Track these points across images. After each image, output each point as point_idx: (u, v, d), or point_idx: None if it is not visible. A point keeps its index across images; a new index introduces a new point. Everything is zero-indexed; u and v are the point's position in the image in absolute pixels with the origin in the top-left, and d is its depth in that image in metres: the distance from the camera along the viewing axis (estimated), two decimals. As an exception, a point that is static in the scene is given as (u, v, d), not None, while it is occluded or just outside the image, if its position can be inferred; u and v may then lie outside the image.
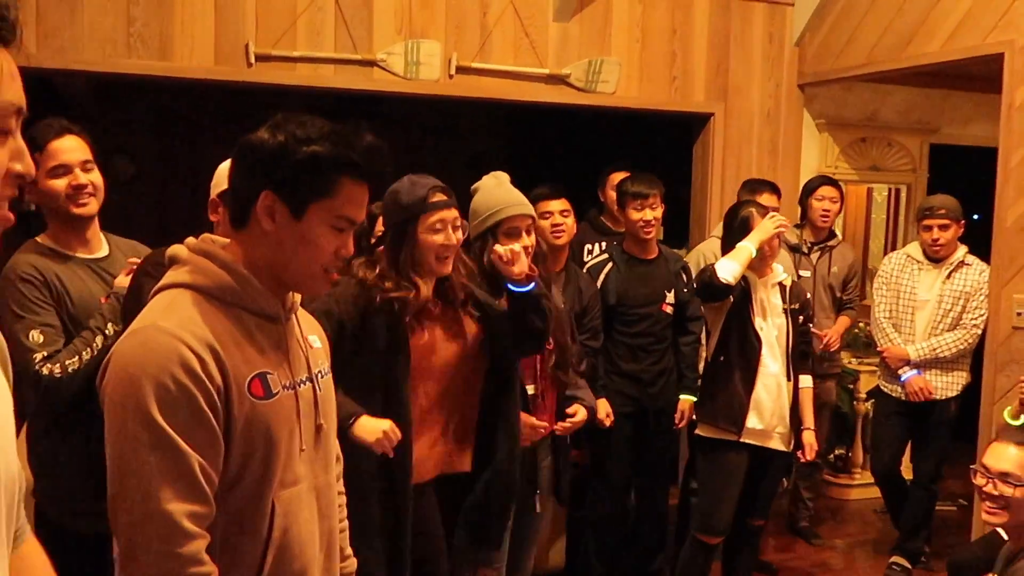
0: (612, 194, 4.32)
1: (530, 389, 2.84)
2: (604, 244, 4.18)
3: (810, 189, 4.60)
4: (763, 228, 3.41)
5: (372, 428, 2.29)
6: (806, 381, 3.64)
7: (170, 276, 1.53)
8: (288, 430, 1.53)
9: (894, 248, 5.96)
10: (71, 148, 2.41)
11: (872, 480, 5.39)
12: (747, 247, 3.38)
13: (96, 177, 2.46)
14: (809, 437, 3.58)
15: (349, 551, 1.84)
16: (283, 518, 1.52)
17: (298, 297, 1.64)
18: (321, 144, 1.47)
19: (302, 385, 1.58)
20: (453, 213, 2.47)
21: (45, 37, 3.98)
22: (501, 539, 2.78)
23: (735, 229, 3.51)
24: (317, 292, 1.66)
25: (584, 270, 3.88)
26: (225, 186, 2.29)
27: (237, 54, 4.27)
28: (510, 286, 2.56)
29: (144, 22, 4.13)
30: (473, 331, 2.56)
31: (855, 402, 5.44)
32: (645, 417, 3.88)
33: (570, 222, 3.62)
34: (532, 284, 2.56)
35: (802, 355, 3.61)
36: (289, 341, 1.59)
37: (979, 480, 2.57)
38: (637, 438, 3.90)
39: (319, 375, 1.66)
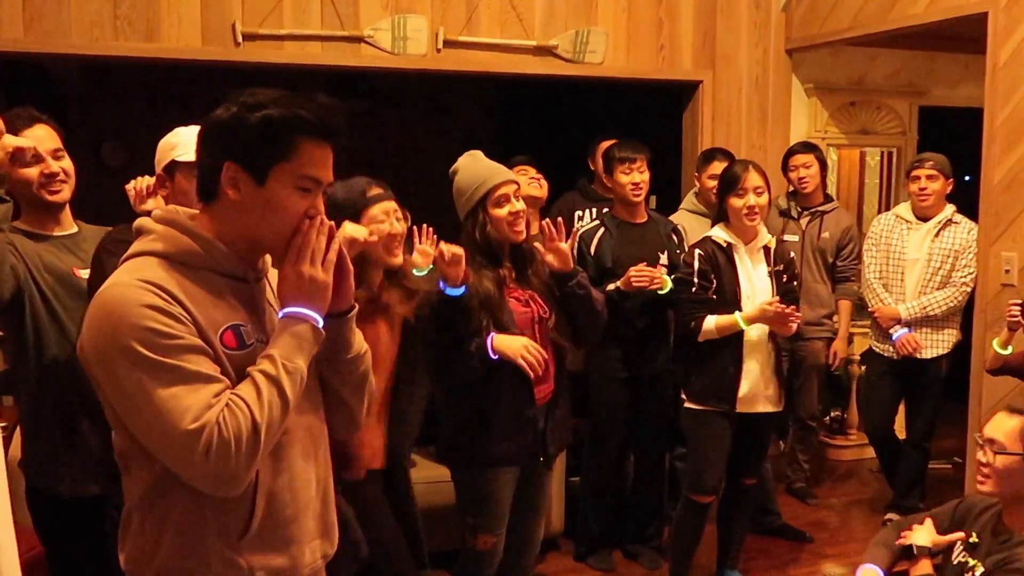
0: (602, 162, 4.37)
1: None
2: (594, 211, 4.22)
3: (784, 159, 4.64)
4: (763, 312, 3.38)
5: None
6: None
7: (136, 246, 1.57)
8: None
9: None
10: (41, 137, 2.47)
11: (865, 441, 5.47)
12: (738, 322, 3.42)
13: (67, 164, 2.55)
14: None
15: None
16: (273, 463, 1.56)
17: (268, 259, 1.68)
18: (271, 108, 1.51)
19: None
20: (393, 204, 2.53)
21: (32, 22, 3.99)
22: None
23: (723, 186, 3.53)
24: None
25: (576, 236, 3.92)
26: (168, 160, 2.37)
27: (224, 34, 4.28)
28: (443, 287, 2.65)
29: (130, 4, 4.15)
30: (399, 322, 2.64)
31: (849, 364, 5.48)
32: (640, 382, 3.94)
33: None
34: (463, 289, 2.66)
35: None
36: (261, 300, 1.63)
37: (977, 448, 2.50)
38: (633, 403, 3.95)
39: None
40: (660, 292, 3.72)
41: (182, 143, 2.36)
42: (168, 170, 2.40)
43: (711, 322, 3.44)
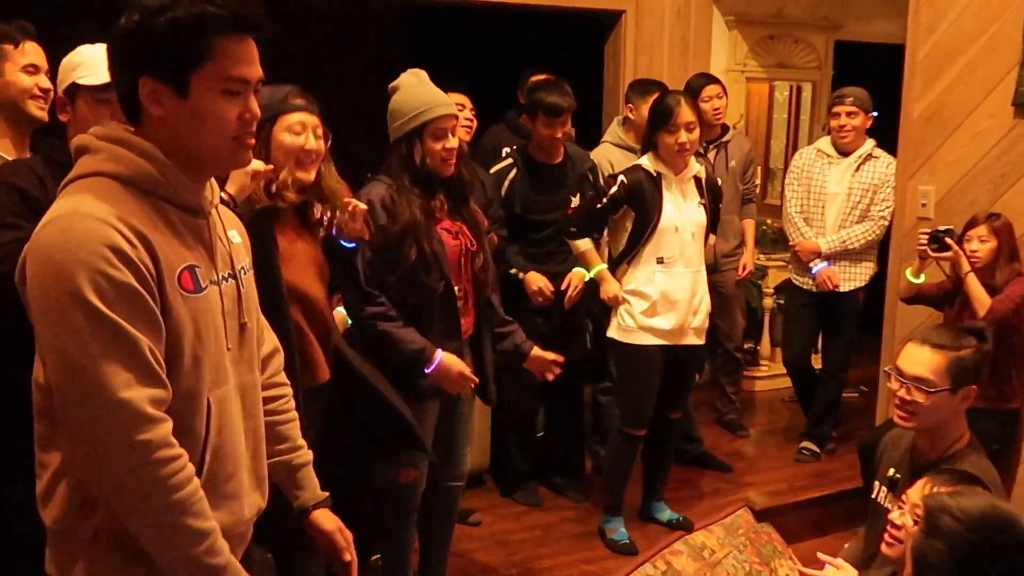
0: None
1: (457, 291, 2.80)
2: (508, 149, 4.10)
3: (695, 90, 4.51)
4: (607, 290, 3.51)
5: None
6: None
7: (83, 165, 1.41)
8: (216, 327, 1.48)
9: (795, 146, 6.06)
10: (40, 52, 2.41)
11: (778, 371, 5.61)
12: (594, 269, 3.57)
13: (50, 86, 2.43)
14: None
15: (302, 442, 1.81)
16: (218, 417, 1.47)
17: (217, 191, 1.56)
18: (176, 9, 1.36)
19: (225, 282, 1.52)
20: (314, 120, 2.35)
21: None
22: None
23: (653, 120, 3.47)
24: (237, 165, 1.57)
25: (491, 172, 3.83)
26: (70, 81, 2.16)
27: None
28: (340, 239, 2.50)
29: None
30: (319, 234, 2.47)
31: (763, 297, 5.58)
32: (555, 315, 3.88)
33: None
34: (354, 244, 2.53)
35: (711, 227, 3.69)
36: (212, 235, 1.51)
37: (893, 384, 2.46)
38: (549, 338, 3.90)
39: (242, 271, 1.59)
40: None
41: (85, 63, 2.15)
42: (69, 94, 2.19)
43: (584, 245, 3.57)
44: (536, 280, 3.75)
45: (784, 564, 3.62)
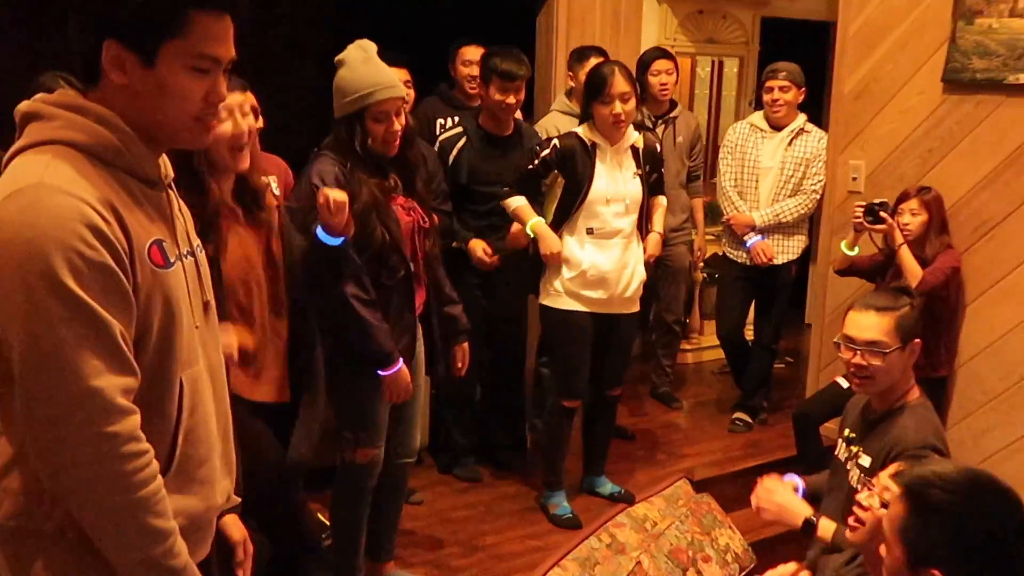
0: (463, 69, 4.21)
1: (412, 267, 2.74)
2: (458, 118, 4.04)
3: (646, 63, 4.58)
4: (550, 248, 3.43)
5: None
6: (660, 200, 3.74)
7: (35, 133, 1.31)
8: (184, 304, 1.40)
9: (717, 122, 6.12)
10: None
11: (707, 344, 5.70)
12: (527, 225, 3.46)
13: None
14: (651, 239, 3.67)
15: None
16: (191, 398, 1.40)
17: (169, 164, 1.47)
18: None
19: (186, 258, 1.45)
20: (238, 98, 2.21)
21: None
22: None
23: (588, 90, 3.44)
24: (195, 145, 1.48)
25: (436, 145, 3.76)
26: None
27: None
28: (320, 233, 2.42)
29: None
30: (265, 229, 2.33)
31: (693, 270, 5.63)
32: (493, 286, 3.86)
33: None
34: (342, 239, 2.46)
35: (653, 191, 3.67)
36: (171, 210, 1.43)
37: (845, 354, 2.51)
38: (490, 313, 3.87)
39: (198, 248, 1.52)
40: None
41: None
42: None
43: (516, 202, 3.50)
44: (478, 246, 3.70)
45: (724, 533, 3.66)
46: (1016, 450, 3.68)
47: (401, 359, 2.70)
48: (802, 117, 4.42)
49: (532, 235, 3.48)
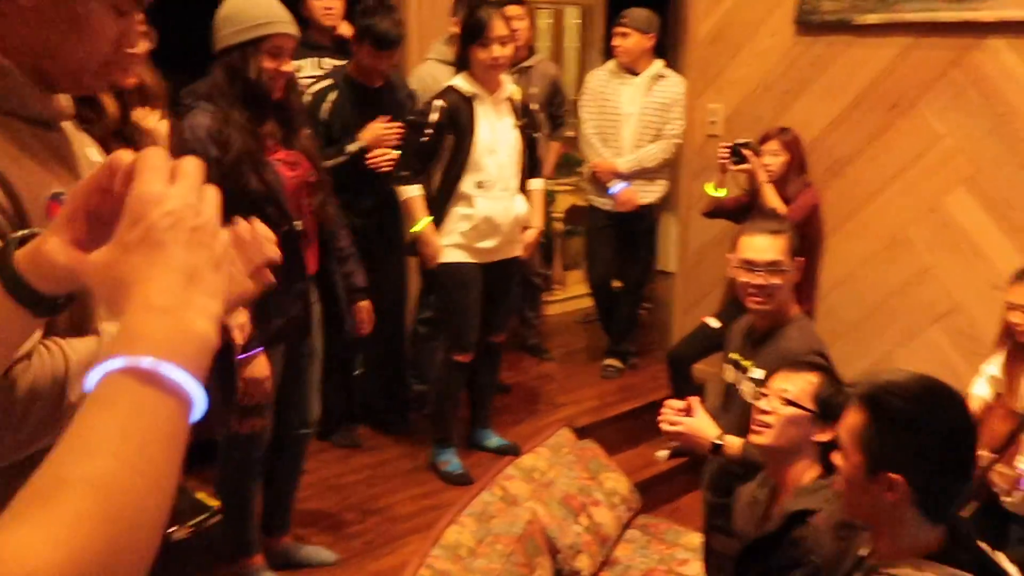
0: (317, 5, 3.88)
1: (298, 225, 2.58)
2: (319, 63, 3.82)
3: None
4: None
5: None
6: (536, 184, 3.69)
7: None
8: None
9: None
10: None
11: (570, 295, 5.76)
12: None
13: None
14: (530, 235, 3.66)
15: None
16: None
17: (70, 99, 1.29)
18: None
19: None
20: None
21: None
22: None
23: (467, 34, 3.36)
24: (91, 92, 1.31)
25: (304, 94, 3.57)
26: None
27: None
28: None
29: None
30: None
31: (552, 222, 5.66)
32: (371, 247, 3.74)
33: None
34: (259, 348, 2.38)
35: (531, 165, 3.63)
36: (69, 151, 1.25)
37: (746, 276, 2.58)
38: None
39: None
40: None
41: None
42: None
43: (412, 192, 3.44)
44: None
45: (610, 476, 3.71)
46: (874, 374, 3.89)
47: (263, 348, 2.46)
48: (659, 63, 4.46)
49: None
